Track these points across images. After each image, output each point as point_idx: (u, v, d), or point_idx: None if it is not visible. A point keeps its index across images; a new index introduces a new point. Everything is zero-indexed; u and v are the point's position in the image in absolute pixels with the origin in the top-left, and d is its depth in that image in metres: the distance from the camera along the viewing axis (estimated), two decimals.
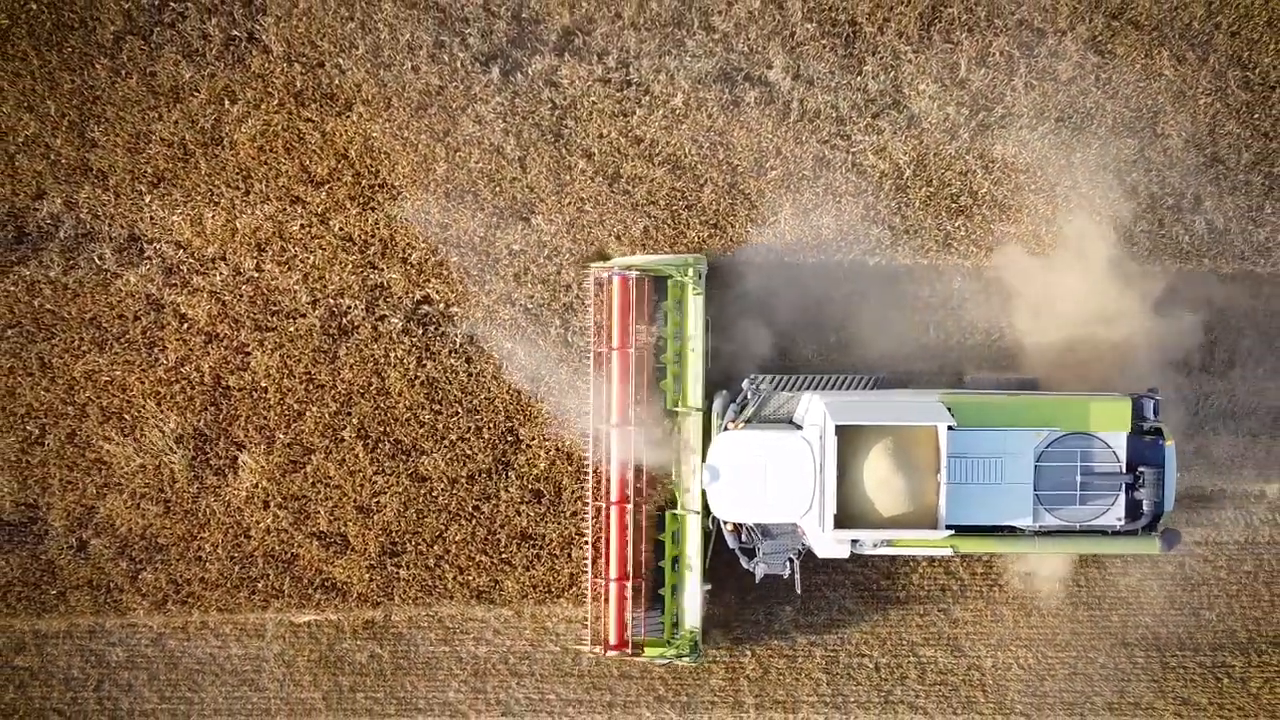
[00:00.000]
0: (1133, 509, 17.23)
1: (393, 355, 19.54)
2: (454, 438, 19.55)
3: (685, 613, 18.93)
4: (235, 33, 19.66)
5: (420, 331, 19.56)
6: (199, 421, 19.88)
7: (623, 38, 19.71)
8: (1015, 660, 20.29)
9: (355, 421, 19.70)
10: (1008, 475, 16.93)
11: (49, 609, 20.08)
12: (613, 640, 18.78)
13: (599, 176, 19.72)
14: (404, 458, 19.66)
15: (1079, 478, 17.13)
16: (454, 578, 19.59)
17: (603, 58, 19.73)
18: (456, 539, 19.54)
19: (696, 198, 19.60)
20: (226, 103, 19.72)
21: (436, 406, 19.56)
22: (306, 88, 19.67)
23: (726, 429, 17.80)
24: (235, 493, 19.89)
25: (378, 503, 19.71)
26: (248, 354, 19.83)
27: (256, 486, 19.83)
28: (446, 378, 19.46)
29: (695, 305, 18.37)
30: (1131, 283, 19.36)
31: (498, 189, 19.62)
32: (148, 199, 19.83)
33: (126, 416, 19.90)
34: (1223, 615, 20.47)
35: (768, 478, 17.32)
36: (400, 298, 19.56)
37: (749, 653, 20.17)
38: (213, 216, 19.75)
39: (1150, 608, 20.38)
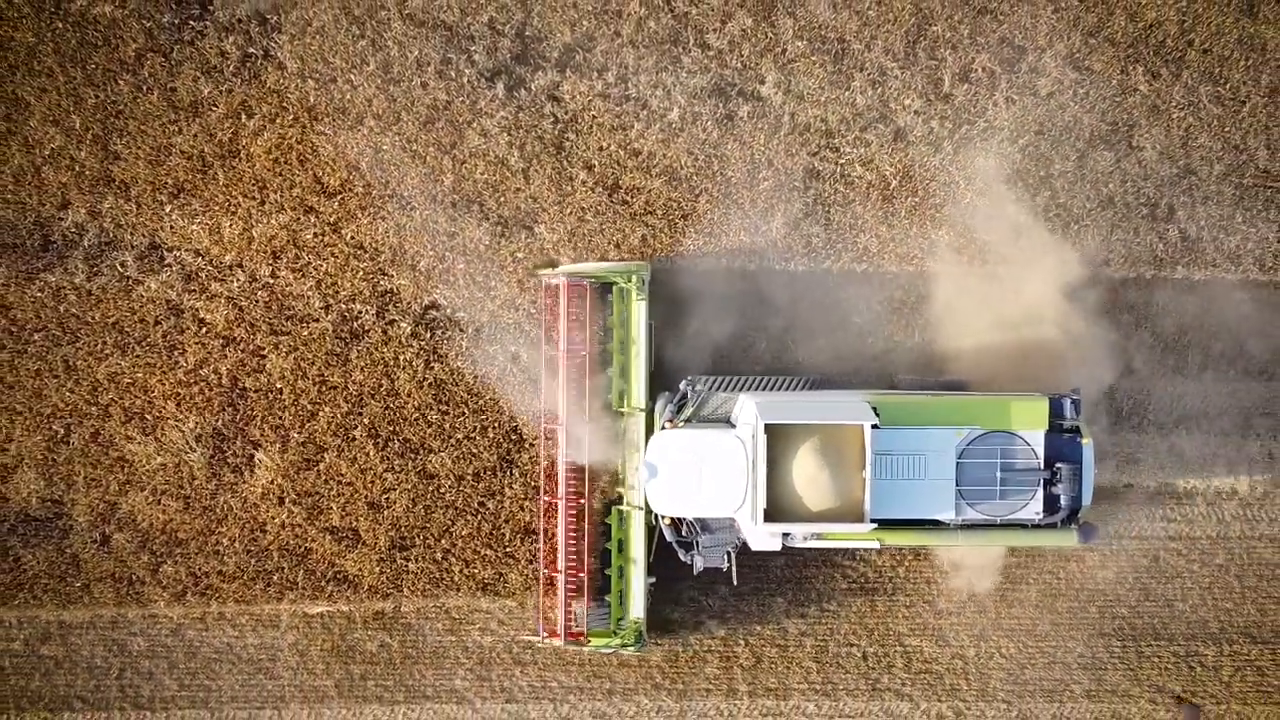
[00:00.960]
0: (1050, 503, 17.71)
1: (402, 358, 20.07)
2: (460, 437, 20.13)
3: (630, 604, 19.30)
4: (252, 50, 20.06)
5: (428, 335, 20.09)
6: (217, 421, 20.24)
7: (622, 55, 20.19)
8: (997, 650, 20.84)
9: (366, 421, 20.16)
10: (931, 471, 17.43)
11: (74, 600, 20.37)
12: (561, 630, 19.15)
13: (599, 187, 20.19)
14: (412, 456, 20.18)
15: (999, 474, 17.60)
16: (460, 570, 20.16)
17: (602, 74, 20.19)
18: (463, 534, 20.13)
19: (692, 207, 20.13)
20: (243, 117, 20.13)
21: (444, 407, 20.07)
22: (320, 102, 20.09)
23: (664, 428, 18.31)
24: (251, 489, 20.28)
25: (387, 499, 20.19)
26: (263, 357, 20.20)
27: (272, 483, 20.22)
28: (453, 379, 20.07)
29: (639, 310, 18.83)
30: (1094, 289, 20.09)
31: (502, 199, 20.11)
32: (168, 209, 20.22)
33: (148, 417, 20.28)
34: (1195, 607, 20.93)
35: (703, 474, 17.79)
36: (409, 303, 20.07)
37: (742, 642, 20.68)
38: (230, 225, 20.16)
39: (1126, 600, 20.87)
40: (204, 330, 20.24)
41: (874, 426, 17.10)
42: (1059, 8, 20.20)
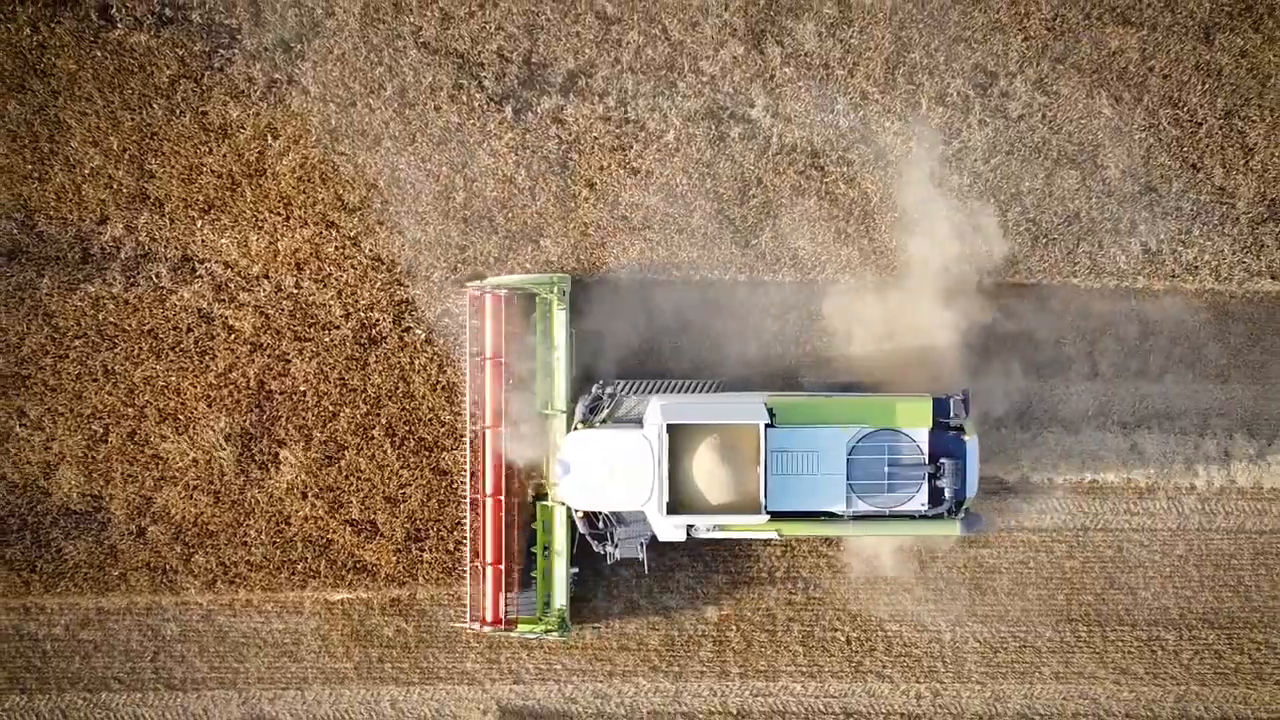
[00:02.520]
0: (935, 496, 18.42)
1: (417, 363, 20.88)
2: (471, 436, 20.59)
3: (555, 593, 20.07)
4: (277, 76, 20.84)
5: (441, 341, 20.90)
6: (245, 421, 20.94)
7: (621, 80, 21.06)
8: (972, 634, 21.65)
9: (384, 421, 20.90)
10: (823, 467, 18.26)
11: (111, 588, 21.02)
12: (489, 617, 19.78)
13: (600, 203, 21.05)
14: (427, 454, 20.98)
15: (886, 468, 18.35)
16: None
17: (603, 98, 21.04)
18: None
19: (686, 222, 21.06)
20: (269, 138, 20.87)
21: (456, 408, 20.78)
22: (340, 125, 20.84)
23: (576, 429, 19.21)
24: (277, 485, 21.01)
25: (404, 494, 20.91)
26: (288, 362, 20.91)
27: (296, 479, 20.98)
28: (464, 382, 20.67)
29: (560, 319, 19.57)
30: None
31: (510, 215, 20.93)
32: (199, 224, 20.97)
33: (181, 417, 21.01)
34: (1157, 594, 21.67)
35: (612, 471, 18.57)
36: (423, 311, 20.86)
37: (734, 628, 21.50)
38: (257, 239, 20.96)
39: (1092, 588, 21.66)
40: (233, 337, 21.00)
41: (768, 426, 18.03)
42: (1028, 36, 21.12)
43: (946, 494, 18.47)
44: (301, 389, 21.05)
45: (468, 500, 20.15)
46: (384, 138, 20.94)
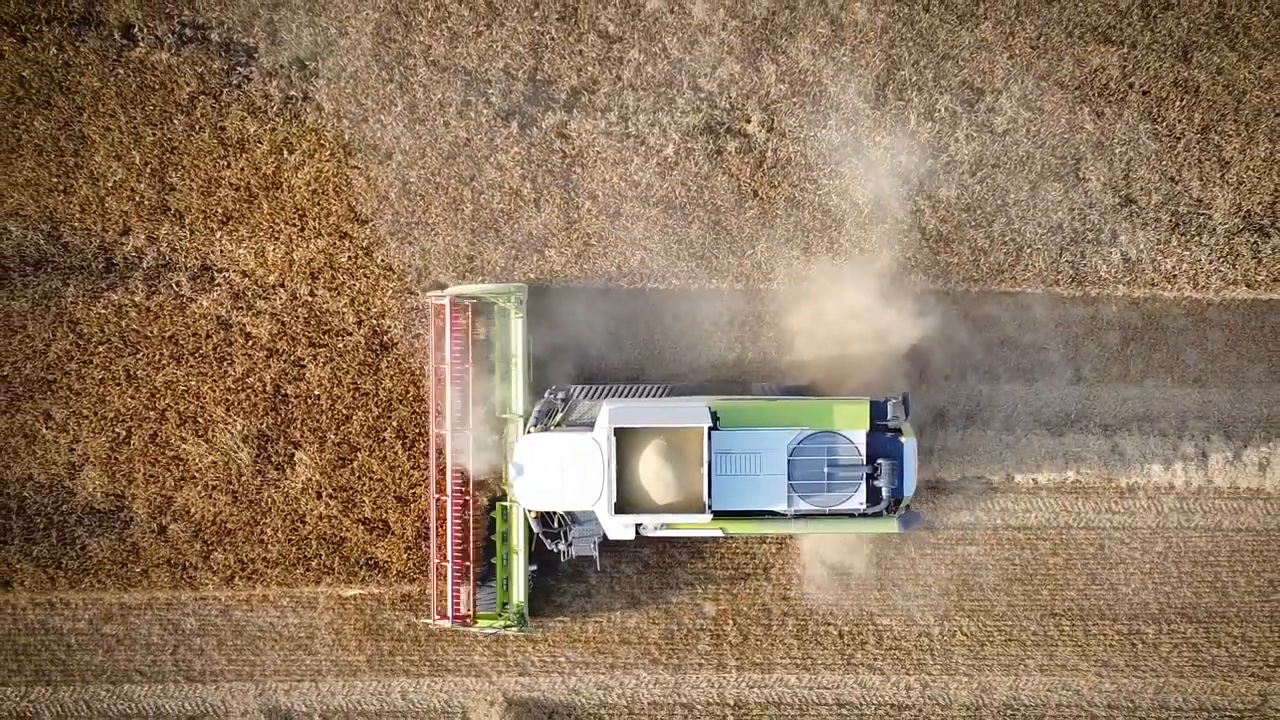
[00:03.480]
0: (873, 495, 18.89)
1: (426, 368, 21.27)
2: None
3: (514, 590, 20.56)
4: (292, 93, 21.48)
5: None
6: (262, 424, 21.56)
7: (622, 97, 21.71)
8: (959, 629, 22.21)
9: (395, 424, 21.49)
10: (765, 467, 18.75)
11: (133, 584, 21.58)
12: (450, 613, 20.28)
13: (603, 215, 21.66)
14: (437, 455, 21.05)
15: (826, 469, 18.81)
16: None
17: (605, 113, 21.68)
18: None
19: (685, 233, 21.74)
20: (285, 152, 21.49)
21: None
22: (353, 139, 21.47)
23: (529, 432, 19.66)
24: (292, 485, 21.59)
25: (414, 493, 21.47)
26: (303, 367, 21.52)
27: (310, 479, 21.57)
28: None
29: (517, 327, 20.09)
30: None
31: (516, 226, 21.57)
32: (218, 235, 21.60)
33: (200, 420, 21.60)
34: (1138, 590, 22.22)
35: (564, 473, 19.05)
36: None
37: (731, 622, 22.07)
38: (273, 249, 21.56)
39: (1075, 583, 22.22)
40: (250, 343, 21.61)
41: (712, 429, 18.53)
42: (1014, 54, 21.81)
43: (884, 493, 18.94)
44: (316, 393, 21.67)
45: (431, 502, 20.65)
46: (395, 152, 21.60)
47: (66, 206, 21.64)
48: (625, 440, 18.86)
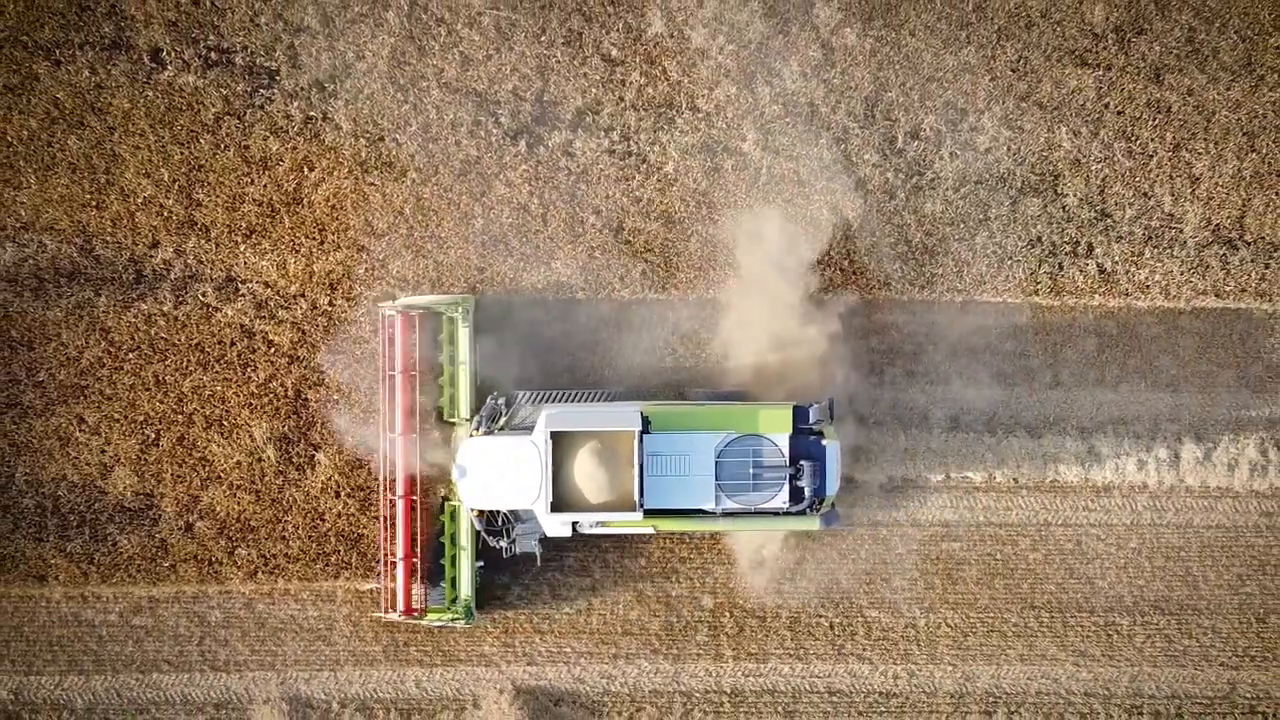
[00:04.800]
0: (795, 494, 19.37)
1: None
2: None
3: (461, 584, 21.01)
4: (312, 113, 22.13)
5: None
6: (284, 427, 22.11)
7: (625, 117, 22.38)
8: (944, 620, 22.67)
9: None
10: (694, 469, 19.31)
11: (162, 578, 22.06)
12: (401, 607, 20.69)
13: (606, 229, 22.30)
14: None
15: (751, 470, 19.33)
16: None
17: (608, 133, 22.33)
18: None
19: (684, 246, 22.46)
20: (306, 170, 22.09)
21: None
22: (370, 158, 22.09)
23: (471, 435, 20.20)
24: (313, 484, 22.10)
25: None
26: (322, 373, 22.04)
27: (330, 479, 22.08)
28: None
29: (464, 335, 20.56)
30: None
31: (524, 239, 22.24)
32: (242, 248, 22.18)
33: (225, 423, 22.14)
34: (1113, 583, 22.65)
35: (504, 474, 19.56)
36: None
37: (727, 615, 22.52)
38: (294, 262, 22.15)
39: (1054, 578, 22.67)
40: (272, 350, 22.19)
41: (643, 432, 19.17)
42: (995, 76, 22.58)
43: (806, 492, 19.45)
44: (335, 397, 22.23)
45: (381, 502, 21.03)
46: (409, 169, 22.22)
47: (99, 221, 22.31)
48: (562, 443, 19.36)
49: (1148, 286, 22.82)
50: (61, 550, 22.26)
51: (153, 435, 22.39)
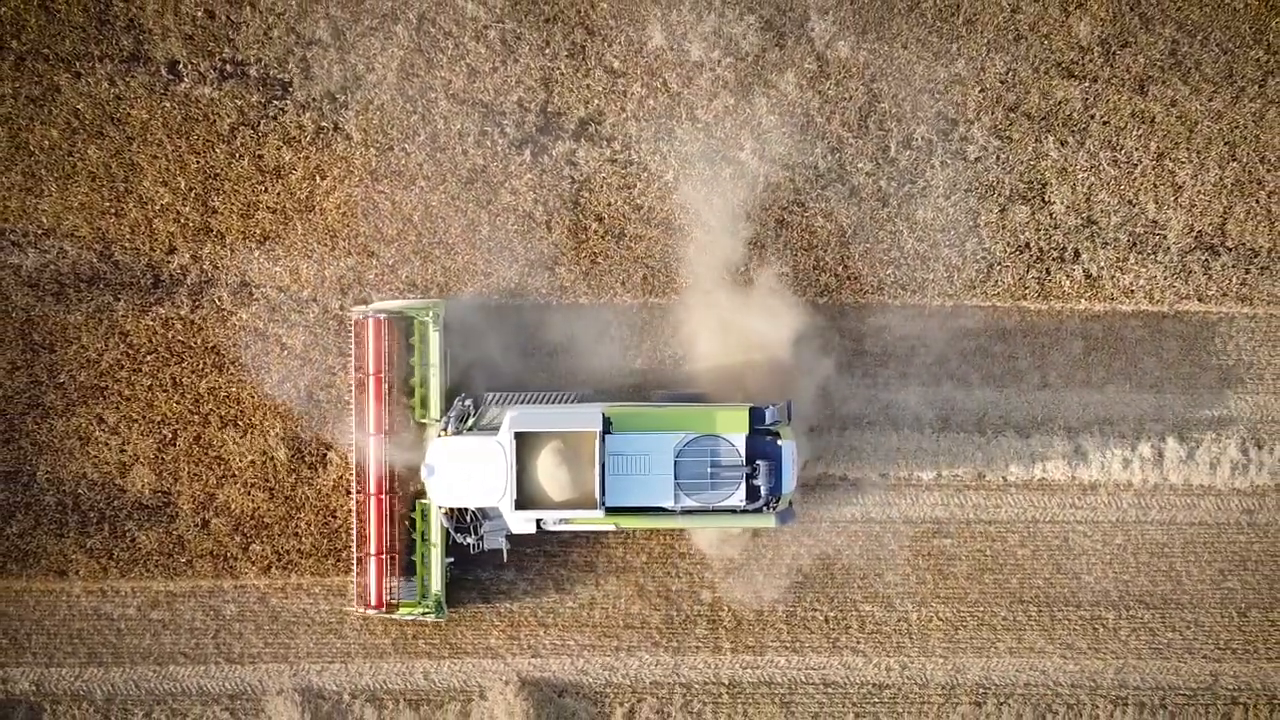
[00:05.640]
0: (752, 493, 19.78)
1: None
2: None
3: (432, 580, 21.22)
4: (324, 123, 22.35)
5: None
6: (296, 427, 22.32)
7: (626, 127, 22.61)
8: (935, 614, 22.92)
9: None
10: (654, 468, 19.71)
11: (178, 574, 22.27)
12: (373, 601, 21.00)
13: (608, 236, 22.59)
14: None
15: (709, 469, 19.71)
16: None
17: (611, 142, 22.57)
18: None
19: (684, 252, 22.88)
20: (318, 178, 22.29)
21: None
22: (380, 166, 22.30)
23: (440, 436, 20.49)
24: (324, 482, 22.35)
25: None
26: (333, 374, 22.26)
27: (341, 478, 22.21)
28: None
29: (434, 339, 20.78)
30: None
31: (529, 246, 22.47)
32: (256, 253, 22.38)
33: (240, 423, 22.37)
34: (1099, 578, 22.88)
35: (471, 472, 19.94)
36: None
37: (725, 609, 22.78)
38: (307, 267, 22.35)
39: (1042, 572, 22.94)
40: (285, 352, 22.39)
41: (605, 432, 19.63)
42: (985, 88, 23.01)
43: (762, 491, 19.85)
44: (345, 398, 22.15)
45: (354, 499, 21.33)
46: (418, 178, 22.46)
47: (117, 228, 22.52)
48: (527, 443, 19.74)
49: (1132, 291, 23.11)
50: (82, 546, 22.51)
51: (170, 435, 22.60)
